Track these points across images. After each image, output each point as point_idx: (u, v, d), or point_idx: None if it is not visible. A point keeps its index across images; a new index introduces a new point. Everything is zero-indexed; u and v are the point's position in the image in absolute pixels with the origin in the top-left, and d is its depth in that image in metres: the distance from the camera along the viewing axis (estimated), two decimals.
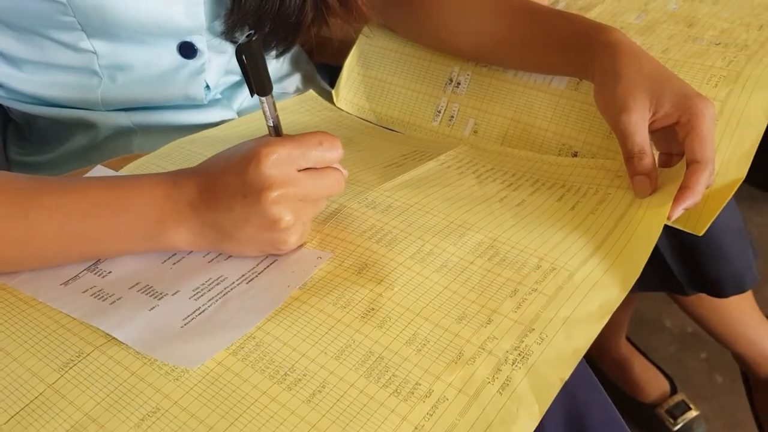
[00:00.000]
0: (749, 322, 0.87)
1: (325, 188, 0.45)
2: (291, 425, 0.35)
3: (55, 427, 0.36)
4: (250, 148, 0.43)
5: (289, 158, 0.43)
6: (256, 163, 0.42)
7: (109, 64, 0.60)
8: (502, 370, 0.38)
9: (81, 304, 0.44)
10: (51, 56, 0.59)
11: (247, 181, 0.42)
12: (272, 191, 0.42)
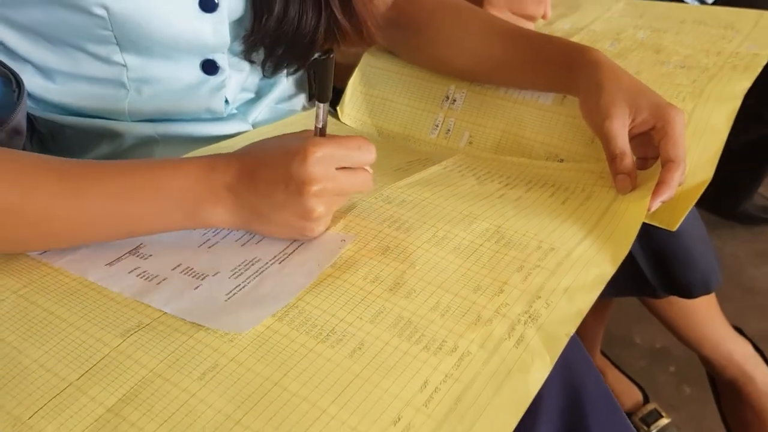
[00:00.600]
0: (714, 326, 0.94)
1: (357, 186, 0.51)
2: (337, 375, 0.40)
3: (123, 382, 0.40)
4: (297, 144, 0.49)
5: (331, 158, 0.49)
6: (302, 159, 0.48)
7: (137, 77, 0.65)
8: (516, 329, 0.43)
9: (129, 283, 0.48)
10: (83, 68, 0.64)
11: (292, 173, 0.48)
12: (313, 185, 0.48)
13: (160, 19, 0.60)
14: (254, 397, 0.39)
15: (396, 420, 0.38)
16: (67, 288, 0.48)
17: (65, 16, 0.59)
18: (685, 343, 0.97)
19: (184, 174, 0.50)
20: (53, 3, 0.58)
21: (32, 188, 0.48)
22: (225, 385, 0.40)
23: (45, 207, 0.48)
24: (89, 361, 0.42)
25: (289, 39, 0.67)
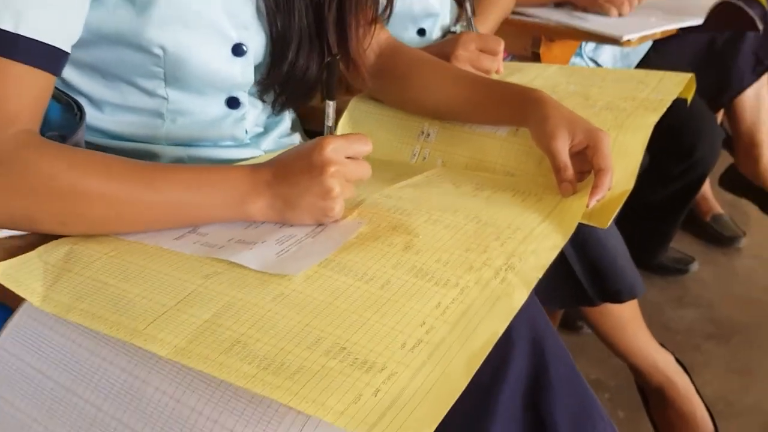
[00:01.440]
0: (641, 338, 1.11)
1: (361, 172, 0.66)
2: (374, 299, 0.54)
3: (213, 305, 0.53)
4: (315, 141, 0.64)
5: (341, 148, 0.64)
6: (320, 149, 0.63)
7: (174, 108, 0.79)
8: (499, 274, 0.59)
9: (197, 249, 0.61)
10: (130, 100, 0.78)
11: (313, 161, 0.63)
12: (330, 167, 0.63)
13: (201, 59, 0.75)
14: (315, 312, 0.52)
15: (422, 323, 0.52)
16: (149, 251, 0.60)
17: (127, 55, 0.73)
18: (617, 353, 1.14)
19: (234, 174, 0.65)
20: (120, 43, 0.72)
21: (118, 179, 0.62)
22: (292, 304, 0.53)
23: (128, 194, 0.62)
24: (182, 293, 0.54)
25: (296, 82, 0.83)
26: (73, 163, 0.61)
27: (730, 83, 1.71)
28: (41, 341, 0.54)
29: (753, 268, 1.88)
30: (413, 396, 0.45)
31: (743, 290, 1.79)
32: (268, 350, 0.48)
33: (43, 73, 0.63)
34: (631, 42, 1.25)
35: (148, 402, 0.48)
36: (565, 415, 0.67)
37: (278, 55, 0.81)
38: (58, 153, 0.62)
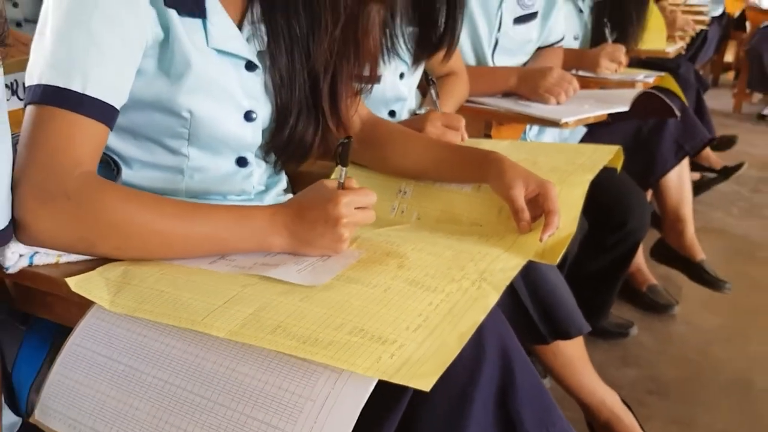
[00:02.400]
0: (590, 376, 1.26)
1: (368, 219, 0.82)
2: (379, 299, 0.69)
3: (253, 304, 0.67)
4: (331, 193, 0.80)
5: (353, 202, 0.80)
6: (335, 203, 0.79)
7: (193, 166, 0.93)
8: (475, 283, 0.74)
9: (230, 269, 0.75)
10: (156, 158, 0.92)
11: (329, 212, 0.79)
12: (343, 219, 0.79)
13: (220, 122, 0.91)
14: (336, 307, 0.66)
15: (419, 315, 0.66)
16: (191, 271, 0.74)
17: (158, 118, 0.88)
18: (569, 391, 1.28)
19: (259, 214, 0.80)
20: (154, 108, 0.87)
21: (166, 214, 0.76)
22: (316, 303, 0.67)
23: (174, 227, 0.76)
24: (226, 297, 0.68)
25: (295, 145, 1.00)
26: (129, 199, 0.75)
27: (656, 166, 1.95)
28: (109, 335, 0.66)
29: (686, 332, 2.07)
30: (419, 359, 0.59)
31: (678, 351, 1.97)
32: (303, 332, 0.62)
33: (102, 126, 0.78)
34: (569, 124, 1.47)
35: (207, 373, 0.61)
36: (530, 413, 0.80)
37: (281, 122, 0.97)
38: (118, 190, 0.76)
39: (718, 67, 5.82)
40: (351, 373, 0.57)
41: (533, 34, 1.84)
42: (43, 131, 0.74)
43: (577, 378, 1.26)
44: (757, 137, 4.31)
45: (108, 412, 0.62)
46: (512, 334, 0.84)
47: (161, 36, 0.83)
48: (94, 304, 0.69)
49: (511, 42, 1.78)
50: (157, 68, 0.85)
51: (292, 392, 0.58)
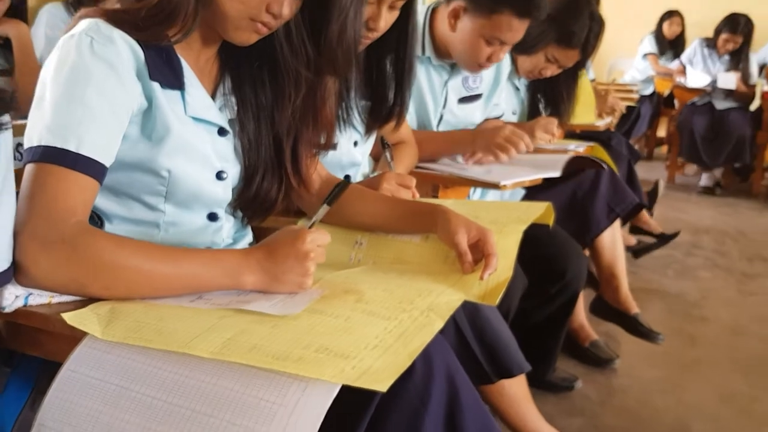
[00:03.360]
0: (533, 413, 1.37)
1: (324, 257, 0.93)
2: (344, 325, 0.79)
3: (231, 331, 0.76)
4: (298, 233, 0.91)
5: (316, 240, 0.91)
6: (302, 241, 0.90)
7: (168, 220, 1.03)
8: (423, 312, 0.85)
9: (208, 306, 0.84)
10: (134, 213, 1.01)
11: (297, 248, 0.89)
12: (310, 254, 0.89)
13: (196, 180, 1.01)
14: (303, 332, 0.77)
15: (375, 337, 0.77)
16: (173, 308, 0.83)
17: (139, 177, 0.98)
18: (514, 429, 1.38)
19: (234, 255, 0.91)
20: (135, 168, 0.97)
21: (151, 258, 0.86)
22: (286, 329, 0.77)
23: (158, 268, 0.86)
24: (206, 325, 0.78)
25: (260, 202, 1.11)
26: (119, 245, 0.85)
27: (590, 227, 2.12)
28: (101, 360, 0.75)
29: (627, 384, 2.19)
30: (377, 370, 0.70)
31: (620, 402, 2.08)
32: (276, 350, 0.72)
33: (93, 181, 0.88)
34: (507, 187, 1.62)
35: (191, 387, 0.70)
36: (474, 429, 0.90)
37: (249, 180, 1.09)
38: (107, 237, 0.86)
39: (652, 141, 6.19)
40: (318, 381, 0.67)
41: (477, 114, 2.02)
42: (42, 185, 0.84)
43: (522, 416, 1.36)
44: (689, 206, 4.58)
45: (101, 426, 0.70)
46: (458, 364, 0.94)
47: (145, 105, 0.95)
48: (86, 336, 0.77)
49: (455, 118, 1.95)
50: (140, 133, 0.96)
51: (266, 400, 0.67)
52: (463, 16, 1.70)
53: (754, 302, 2.91)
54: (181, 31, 0.93)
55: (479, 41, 1.69)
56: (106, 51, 0.89)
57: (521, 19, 1.66)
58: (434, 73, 1.85)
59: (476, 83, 1.96)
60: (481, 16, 1.67)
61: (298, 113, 1.08)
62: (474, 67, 1.79)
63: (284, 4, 0.92)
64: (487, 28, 1.67)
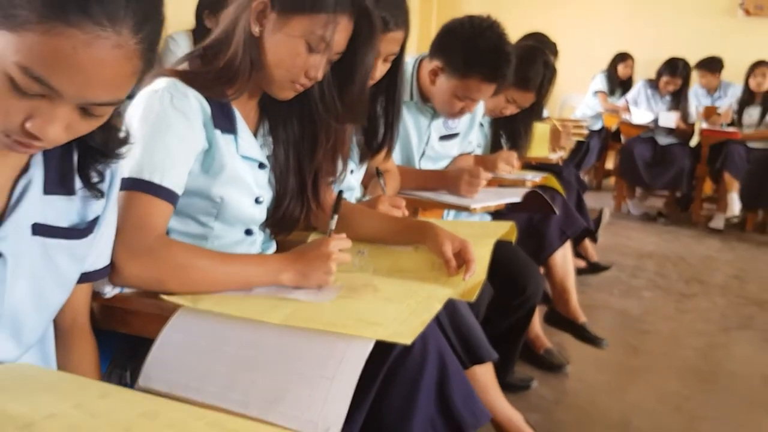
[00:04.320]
0: (500, 398, 1.65)
1: (346, 259, 1.20)
2: (367, 306, 1.06)
3: (290, 307, 1.03)
4: (323, 240, 1.18)
5: (338, 245, 1.19)
6: (326, 245, 1.18)
7: (215, 235, 1.29)
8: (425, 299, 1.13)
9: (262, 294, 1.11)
10: (188, 228, 1.27)
11: (322, 251, 1.17)
12: (333, 255, 1.17)
13: (240, 205, 1.27)
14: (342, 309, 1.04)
15: (394, 311, 1.04)
16: (239, 296, 1.10)
17: (197, 201, 1.24)
18: None
19: (273, 258, 1.18)
20: (194, 195, 1.22)
21: (214, 261, 1.13)
22: (329, 309, 1.05)
23: (218, 269, 1.12)
24: (269, 304, 1.04)
25: (286, 220, 1.38)
26: (189, 252, 1.12)
27: (544, 247, 2.44)
28: (191, 327, 1.01)
29: (577, 386, 2.49)
30: (400, 331, 0.97)
31: (571, 401, 2.38)
32: (326, 320, 0.99)
33: (170, 205, 1.14)
34: (476, 210, 1.92)
35: (265, 344, 0.96)
36: (459, 398, 1.17)
37: (278, 204, 1.36)
38: (180, 246, 1.12)
39: (600, 173, 6.62)
40: (358, 338, 0.95)
41: (454, 150, 2.33)
42: (133, 208, 1.09)
43: (490, 400, 1.64)
44: (633, 233, 4.97)
45: (196, 374, 0.95)
46: (447, 346, 1.22)
47: (207, 147, 1.21)
48: (178, 309, 1.03)
49: (435, 153, 2.25)
50: (201, 168, 1.21)
51: (321, 352, 0.94)
52: (441, 75, 2.00)
53: (689, 319, 3.27)
54: (238, 90, 1.21)
55: (453, 98, 2.00)
56: (183, 104, 1.16)
57: (488, 83, 1.96)
58: (420, 115, 2.16)
59: (455, 123, 2.27)
60: (455, 78, 1.97)
61: (325, 155, 1.35)
62: (449, 116, 2.10)
63: (319, 70, 1.20)
64: (460, 88, 1.97)
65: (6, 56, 0.73)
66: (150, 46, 0.78)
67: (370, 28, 1.22)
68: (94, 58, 0.73)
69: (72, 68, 0.73)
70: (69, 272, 0.96)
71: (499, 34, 1.97)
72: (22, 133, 0.78)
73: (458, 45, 1.96)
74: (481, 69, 1.94)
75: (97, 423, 0.72)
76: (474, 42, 1.94)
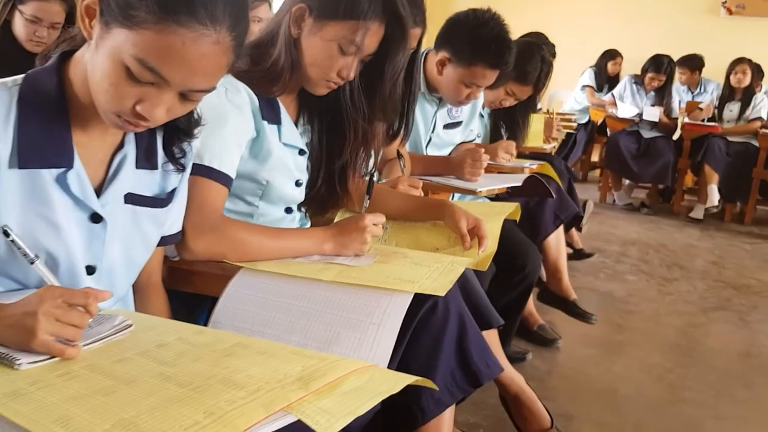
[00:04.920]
0: (503, 360, 1.83)
1: (379, 232, 1.38)
2: (402, 269, 1.24)
3: (337, 270, 1.20)
4: (359, 216, 1.36)
5: (372, 219, 1.36)
6: (362, 219, 1.35)
7: (259, 213, 1.45)
8: (450, 263, 1.31)
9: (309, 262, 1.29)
10: (237, 207, 1.43)
11: (359, 224, 1.35)
12: (368, 228, 1.35)
13: (283, 187, 1.44)
14: (383, 271, 1.21)
15: (427, 270, 1.22)
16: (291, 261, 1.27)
17: (245, 183, 1.40)
18: None
19: (316, 231, 1.36)
20: (244, 178, 1.38)
21: (268, 235, 1.30)
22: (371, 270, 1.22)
23: (271, 242, 1.29)
24: (318, 267, 1.22)
25: (319, 202, 1.55)
26: (245, 228, 1.29)
27: (539, 231, 2.63)
28: (252, 283, 1.18)
29: (567, 359, 2.69)
30: (434, 286, 1.15)
31: (562, 371, 2.58)
32: (371, 278, 1.17)
33: (226, 188, 1.31)
34: (482, 193, 2.11)
35: (317, 297, 1.14)
36: (476, 351, 1.35)
37: (312, 187, 1.52)
38: (239, 224, 1.30)
39: (586, 165, 6.84)
40: (399, 292, 1.12)
41: (457, 137, 2.51)
42: (196, 191, 1.25)
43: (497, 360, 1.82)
44: (618, 222, 5.19)
45: (259, 321, 1.13)
46: (465, 308, 1.40)
47: (255, 135, 1.37)
48: (240, 269, 1.20)
49: (440, 141, 2.43)
50: (249, 155, 1.38)
51: (367, 304, 1.12)
52: (448, 65, 2.18)
53: (670, 300, 3.48)
54: (281, 88, 1.37)
55: (460, 85, 2.17)
56: (235, 98, 1.32)
57: (493, 69, 2.14)
58: (426, 104, 2.33)
59: (458, 112, 2.45)
60: (462, 66, 2.15)
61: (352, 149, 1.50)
62: (455, 103, 2.27)
63: (351, 70, 1.36)
64: (467, 76, 2.15)
65: (124, 50, 0.89)
66: (240, 43, 0.95)
67: (402, 33, 1.37)
68: (199, 53, 0.90)
69: (180, 61, 0.89)
70: (152, 235, 1.13)
71: (501, 24, 2.15)
72: (132, 115, 0.93)
73: (463, 35, 2.13)
74: (485, 56, 2.11)
75: (200, 351, 0.89)
76: (478, 32, 2.12)
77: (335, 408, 0.76)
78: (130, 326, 0.94)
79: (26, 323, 0.83)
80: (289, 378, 0.81)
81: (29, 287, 1.00)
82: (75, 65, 0.99)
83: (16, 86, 0.97)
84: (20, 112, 0.95)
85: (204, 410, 0.72)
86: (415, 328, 1.27)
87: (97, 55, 0.91)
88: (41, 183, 0.96)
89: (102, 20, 0.90)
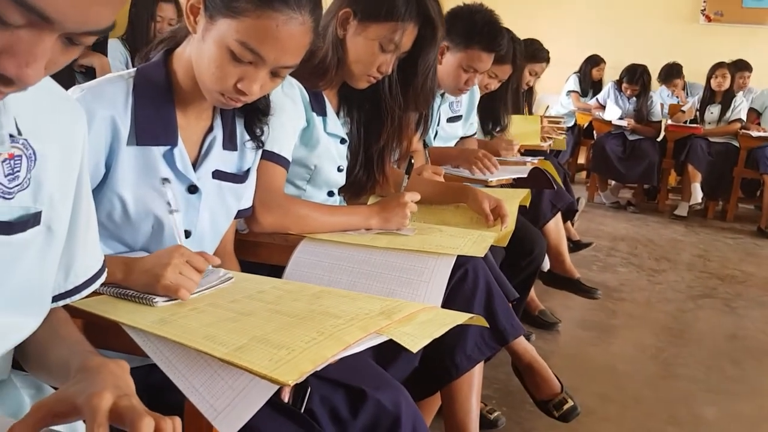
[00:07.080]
0: None
1: (415, 208, 1.57)
2: (440, 240, 1.43)
3: (386, 239, 1.39)
4: (401, 193, 1.55)
5: (411, 196, 1.56)
6: (403, 197, 1.54)
7: (306, 195, 1.63)
8: (477, 235, 1.50)
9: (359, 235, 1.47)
10: (287, 190, 1.60)
11: (399, 201, 1.54)
12: (407, 204, 1.54)
13: (328, 172, 1.62)
14: (425, 241, 1.40)
15: (461, 240, 1.41)
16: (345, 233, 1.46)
17: (296, 168, 1.58)
18: None
19: (363, 208, 1.55)
20: (294, 163, 1.57)
21: (323, 211, 1.49)
22: (415, 238, 1.41)
23: (327, 217, 1.48)
24: (368, 237, 1.40)
25: (357, 186, 1.73)
26: (306, 206, 1.48)
27: (539, 218, 2.83)
28: (314, 250, 1.36)
29: (567, 340, 2.89)
30: (471, 251, 1.34)
31: (563, 351, 2.79)
32: (417, 245, 1.35)
33: (285, 170, 1.49)
34: (492, 183, 2.30)
35: (373, 261, 1.33)
36: (501, 312, 1.55)
37: (350, 173, 1.71)
38: (300, 202, 1.48)
39: (573, 167, 7.07)
40: (444, 256, 1.31)
41: (459, 130, 2.71)
42: (262, 172, 1.42)
43: None
44: (606, 219, 5.42)
45: (323, 281, 1.31)
46: (491, 274, 1.59)
47: (305, 125, 1.56)
48: (302, 240, 1.39)
49: (445, 134, 2.63)
50: (300, 142, 1.56)
51: (417, 265, 1.30)
52: (447, 53, 2.37)
53: (660, 289, 3.70)
54: (327, 83, 1.56)
55: (458, 69, 2.36)
56: (290, 91, 1.51)
57: (488, 53, 2.33)
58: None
59: (458, 107, 2.65)
60: (458, 51, 2.33)
61: (389, 135, 1.70)
62: (455, 91, 2.45)
63: (389, 66, 1.55)
64: (464, 59, 2.33)
65: (228, 35, 1.08)
66: (318, 25, 1.14)
67: (433, 32, 1.58)
68: (288, 33, 1.08)
69: (274, 41, 1.08)
70: (232, 207, 1.31)
71: (492, 12, 2.36)
72: (234, 91, 1.11)
73: (458, 23, 2.33)
74: (480, 39, 2.30)
75: (294, 294, 1.07)
76: (472, 18, 2.32)
77: (416, 332, 0.94)
78: (231, 278, 1.12)
79: (156, 271, 1.01)
80: (373, 312, 0.99)
81: (134, 249, 1.18)
82: (178, 59, 1.18)
83: (131, 78, 1.15)
84: (136, 99, 1.13)
85: (316, 330, 0.90)
86: (449, 294, 1.46)
87: (203, 44, 1.10)
88: (152, 158, 1.14)
89: (207, 14, 1.09)
